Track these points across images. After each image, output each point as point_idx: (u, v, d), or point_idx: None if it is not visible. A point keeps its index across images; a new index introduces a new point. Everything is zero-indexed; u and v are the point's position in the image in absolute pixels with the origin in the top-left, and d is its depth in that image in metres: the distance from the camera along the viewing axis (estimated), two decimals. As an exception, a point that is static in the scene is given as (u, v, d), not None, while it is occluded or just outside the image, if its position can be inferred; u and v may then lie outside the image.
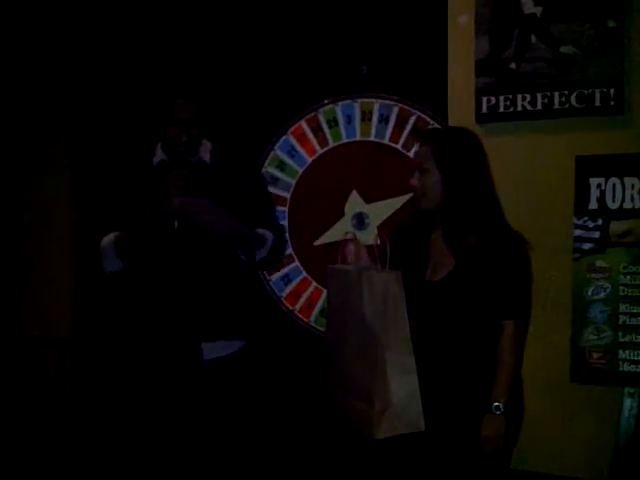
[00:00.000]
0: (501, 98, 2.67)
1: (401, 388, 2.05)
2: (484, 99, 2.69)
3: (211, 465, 2.33)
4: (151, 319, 2.35)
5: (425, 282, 2.17)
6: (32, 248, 3.40)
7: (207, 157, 2.44)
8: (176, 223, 2.32)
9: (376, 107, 2.85)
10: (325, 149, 2.91)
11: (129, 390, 2.42)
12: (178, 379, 2.33)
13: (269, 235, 2.39)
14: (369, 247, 2.23)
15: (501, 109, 2.67)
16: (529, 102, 2.62)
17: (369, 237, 2.76)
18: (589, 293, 2.42)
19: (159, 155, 2.42)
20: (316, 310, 2.92)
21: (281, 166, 2.94)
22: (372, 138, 2.86)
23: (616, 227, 2.41)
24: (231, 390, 2.37)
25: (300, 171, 2.93)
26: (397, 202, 2.81)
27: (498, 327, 2.10)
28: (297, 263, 2.94)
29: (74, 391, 3.32)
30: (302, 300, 2.94)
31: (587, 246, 2.43)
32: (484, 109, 2.69)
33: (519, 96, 2.63)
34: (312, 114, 2.91)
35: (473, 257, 2.09)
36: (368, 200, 2.85)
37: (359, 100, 2.87)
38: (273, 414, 2.95)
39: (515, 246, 2.12)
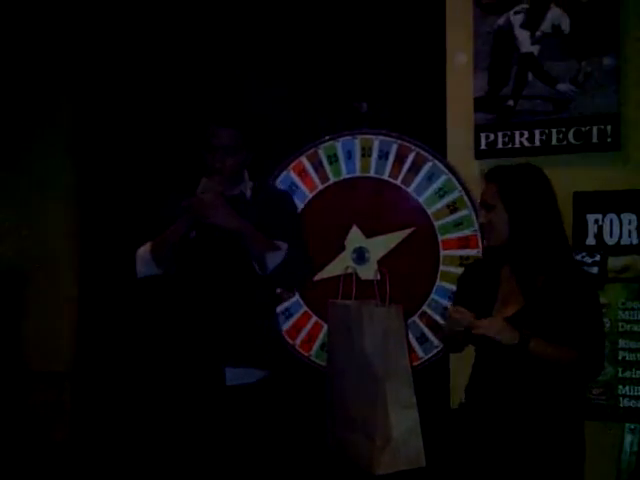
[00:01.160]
0: (499, 134, 2.70)
1: (401, 423, 2.05)
2: (482, 135, 2.72)
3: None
4: (176, 338, 2.40)
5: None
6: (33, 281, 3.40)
7: (248, 192, 2.48)
8: (193, 233, 2.38)
9: (376, 143, 2.88)
10: (325, 184, 2.93)
11: (142, 411, 2.43)
12: (200, 401, 2.34)
13: (283, 245, 2.37)
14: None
15: (499, 145, 2.70)
16: (527, 138, 2.65)
17: (369, 272, 2.78)
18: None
19: (202, 185, 2.40)
20: (316, 344, 2.91)
21: (282, 201, 2.96)
22: (372, 174, 2.88)
23: (614, 263, 2.43)
24: (247, 418, 2.36)
25: (300, 206, 2.95)
26: (397, 237, 2.83)
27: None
28: (297, 297, 2.94)
29: (74, 424, 3.31)
30: (303, 334, 2.94)
31: (586, 281, 2.44)
32: (483, 145, 2.72)
33: (517, 132, 2.67)
34: (312, 150, 2.94)
35: (543, 295, 2.06)
36: (368, 235, 2.87)
37: (359, 136, 2.90)
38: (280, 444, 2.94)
39: (586, 285, 2.10)
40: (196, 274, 2.40)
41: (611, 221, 2.46)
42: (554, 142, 2.60)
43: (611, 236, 2.46)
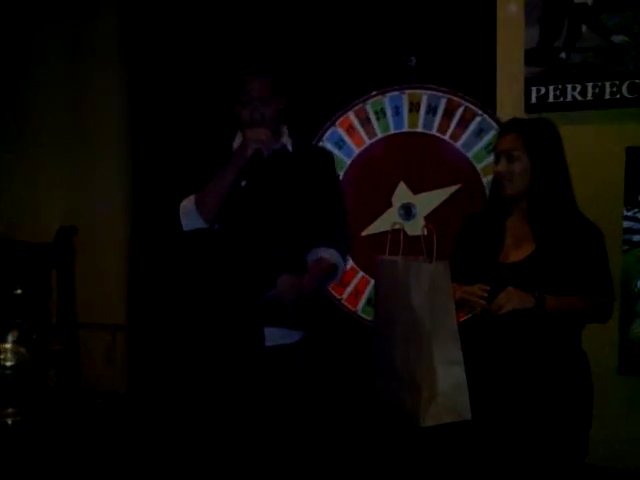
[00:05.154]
0: (551, 88, 2.66)
1: (448, 378, 2.06)
2: (533, 89, 2.68)
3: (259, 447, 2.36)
4: (216, 294, 2.37)
5: (501, 265, 2.19)
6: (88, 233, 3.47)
7: (289, 145, 2.42)
8: (243, 182, 2.32)
9: (424, 98, 2.85)
10: (373, 140, 2.92)
11: (186, 371, 2.44)
12: (240, 362, 2.33)
13: (339, 261, 2.39)
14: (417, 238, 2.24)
15: (550, 99, 2.65)
16: (579, 92, 2.60)
17: (416, 228, 2.77)
18: (639, 285, 2.41)
19: (238, 140, 2.40)
20: (363, 300, 2.94)
21: (329, 157, 2.96)
22: (420, 129, 2.86)
23: (667, 219, 2.40)
24: (290, 378, 2.37)
25: (348, 162, 2.95)
26: (445, 192, 2.82)
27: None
28: (344, 253, 2.96)
29: (128, 376, 3.41)
30: (349, 290, 2.96)
31: (637, 238, 2.41)
32: (533, 99, 2.68)
33: (569, 86, 2.62)
34: (360, 105, 2.92)
35: (555, 240, 2.13)
36: (416, 191, 2.86)
37: (407, 91, 2.87)
38: (323, 401, 2.99)
39: (595, 231, 2.16)
40: (242, 229, 2.35)
41: (665, 176, 2.42)
42: (607, 96, 2.55)
43: (664, 192, 2.42)
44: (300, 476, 2.42)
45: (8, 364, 2.30)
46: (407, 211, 2.87)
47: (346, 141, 2.94)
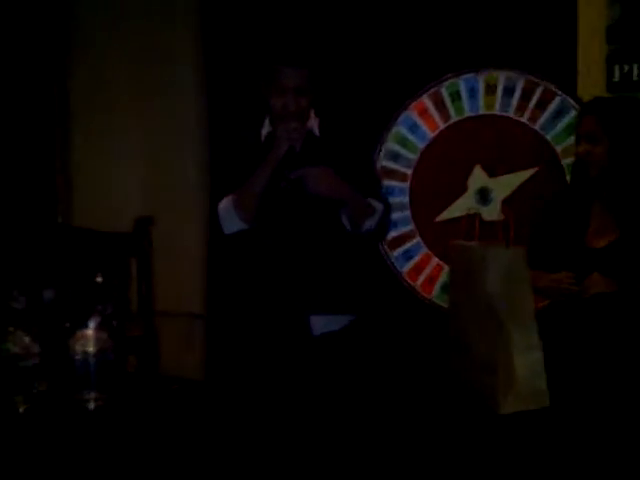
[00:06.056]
0: (635, 66, 2.56)
1: (526, 365, 2.03)
2: (616, 67, 2.58)
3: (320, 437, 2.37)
4: (261, 290, 2.37)
5: (586, 249, 2.15)
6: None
7: (316, 130, 2.43)
8: (283, 183, 2.32)
9: (501, 79, 2.79)
10: (447, 124, 2.88)
11: (250, 363, 2.46)
12: (289, 354, 2.34)
13: (379, 206, 2.36)
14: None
15: (635, 77, 2.55)
16: (665, 69, 2.49)
17: (493, 212, 2.72)
18: None
19: (267, 127, 2.41)
20: (437, 286, 2.91)
21: (403, 142, 2.93)
22: (496, 111, 2.80)
23: None
24: (344, 364, 2.38)
25: (422, 146, 2.91)
26: (522, 176, 2.76)
27: None
28: (419, 239, 2.93)
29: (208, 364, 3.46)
30: (423, 276, 2.93)
31: None
32: (616, 77, 2.58)
33: (654, 63, 2.52)
34: (434, 89, 2.88)
35: (637, 226, 2.09)
36: (492, 174, 2.81)
37: (483, 73, 2.81)
38: (394, 389, 2.97)
39: None
40: (282, 225, 2.35)
41: None
42: (694, 71, 2.43)
43: None
44: (369, 457, 2.42)
45: (90, 350, 2.36)
46: (483, 195, 2.81)
47: (420, 125, 2.90)
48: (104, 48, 3.61)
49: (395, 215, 2.91)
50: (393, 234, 2.93)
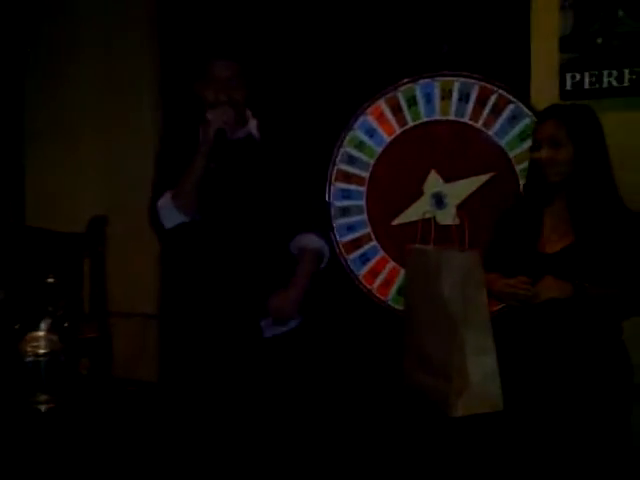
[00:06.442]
0: (586, 74, 2.60)
1: (479, 368, 2.05)
2: (568, 75, 2.63)
3: (274, 441, 2.37)
4: (211, 291, 2.37)
5: (539, 254, 2.17)
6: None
7: (256, 133, 2.44)
8: (213, 165, 2.30)
9: (456, 85, 2.81)
10: (404, 128, 2.89)
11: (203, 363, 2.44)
12: (241, 357, 2.34)
13: (324, 247, 2.48)
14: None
15: (586, 86, 2.60)
16: (616, 78, 2.54)
17: (448, 217, 2.75)
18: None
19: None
20: (393, 289, 2.92)
21: (360, 146, 2.94)
22: (452, 117, 2.83)
23: None
24: (295, 367, 2.40)
25: (379, 151, 2.92)
26: (477, 181, 2.78)
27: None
28: (375, 242, 2.94)
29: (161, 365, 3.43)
30: (379, 279, 2.94)
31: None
32: (568, 86, 2.63)
33: (605, 72, 2.56)
34: (391, 93, 2.89)
35: (594, 231, 2.10)
36: (447, 179, 2.83)
37: (439, 79, 2.83)
38: (349, 388, 2.98)
39: (636, 224, 2.12)
40: (222, 217, 2.35)
41: None
42: (645, 82, 2.49)
43: None
44: (322, 465, 2.42)
45: (41, 351, 2.33)
46: (438, 200, 2.84)
47: (377, 129, 2.92)
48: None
49: (352, 218, 2.94)
50: (350, 237, 2.95)
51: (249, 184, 2.36)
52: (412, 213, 2.83)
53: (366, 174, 2.94)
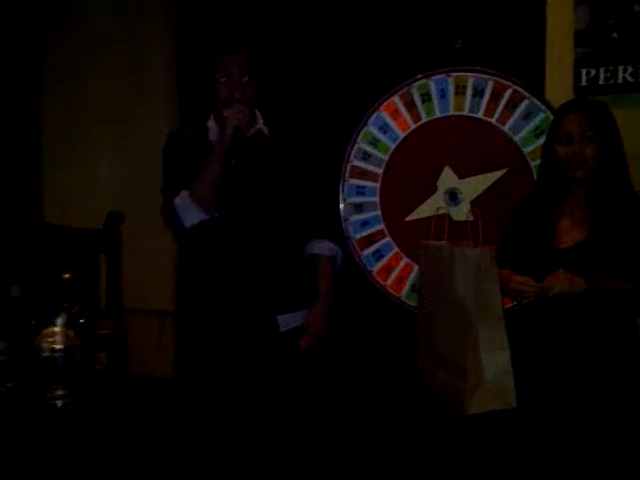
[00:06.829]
0: (601, 70, 2.59)
1: (494, 365, 2.05)
2: (583, 71, 2.61)
3: (287, 436, 2.38)
4: (224, 293, 2.37)
5: (553, 250, 2.16)
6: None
7: (266, 130, 2.44)
8: (233, 161, 2.32)
9: (470, 81, 2.80)
10: (418, 124, 2.89)
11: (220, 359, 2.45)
12: (256, 353, 2.35)
13: (338, 252, 2.49)
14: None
15: (601, 81, 2.58)
16: (631, 74, 2.53)
17: (461, 213, 2.74)
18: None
19: (212, 128, 2.40)
20: (407, 285, 2.92)
21: (374, 142, 2.94)
22: (466, 112, 2.82)
23: None
24: (308, 363, 2.40)
25: (392, 147, 2.92)
26: (491, 177, 2.77)
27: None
28: (389, 238, 2.94)
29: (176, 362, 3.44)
30: (393, 275, 2.94)
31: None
32: (583, 81, 2.61)
33: (620, 67, 2.55)
34: (405, 89, 2.89)
35: (611, 225, 2.09)
36: (461, 175, 2.82)
37: (453, 74, 2.83)
38: (363, 385, 2.98)
39: None
40: (242, 213, 2.35)
41: None
42: (660, 77, 2.48)
43: None
44: (335, 461, 2.42)
45: (57, 347, 2.35)
46: (452, 196, 2.83)
47: (391, 125, 2.91)
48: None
49: (366, 215, 2.94)
50: (363, 233, 2.95)
51: (262, 181, 2.37)
52: (426, 209, 2.83)
53: (380, 170, 2.94)
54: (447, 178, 2.84)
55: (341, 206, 2.95)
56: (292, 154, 2.44)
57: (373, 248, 2.95)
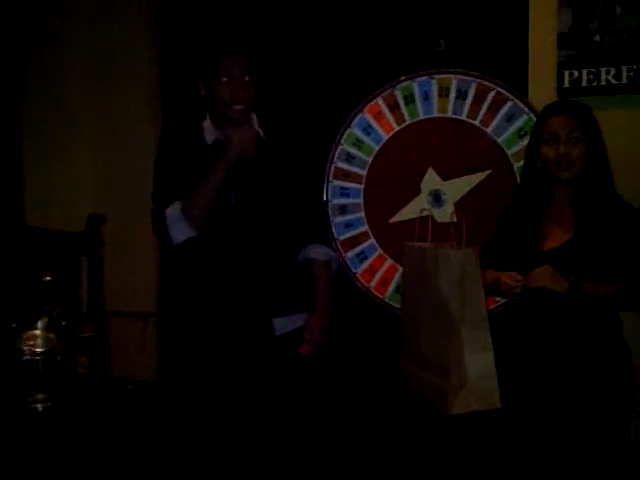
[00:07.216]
0: (584, 72, 2.60)
1: (477, 365, 2.05)
2: (566, 73, 2.62)
3: (282, 438, 2.37)
4: (219, 297, 2.35)
5: (539, 252, 2.16)
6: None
7: (260, 132, 2.41)
8: (233, 196, 2.30)
9: (454, 83, 2.81)
10: (402, 126, 2.89)
11: (208, 362, 2.44)
12: (251, 357, 2.33)
13: (333, 256, 2.50)
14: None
15: (584, 83, 2.60)
16: (614, 76, 2.54)
17: (445, 214, 2.75)
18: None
19: (212, 132, 2.36)
20: (391, 287, 2.92)
21: (358, 144, 2.94)
22: (449, 114, 2.82)
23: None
24: (293, 366, 2.39)
25: (376, 148, 2.92)
26: (475, 179, 2.78)
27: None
28: (372, 240, 2.94)
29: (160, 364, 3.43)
30: (377, 277, 2.94)
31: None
32: (566, 83, 2.62)
33: (603, 69, 2.56)
34: (389, 91, 2.89)
35: (596, 226, 2.10)
36: (445, 177, 2.83)
37: (436, 76, 2.83)
38: (346, 386, 2.98)
39: (637, 220, 2.12)
40: (233, 230, 2.33)
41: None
42: (643, 79, 2.49)
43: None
44: (321, 463, 2.42)
45: (38, 350, 2.32)
46: (436, 198, 2.83)
47: (374, 127, 2.91)
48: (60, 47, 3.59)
49: (350, 216, 2.94)
50: (347, 235, 2.94)
51: (257, 183, 2.35)
52: (410, 211, 2.83)
53: (364, 172, 2.94)
54: (431, 180, 2.84)
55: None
56: (289, 156, 2.42)
57: (357, 250, 2.95)
